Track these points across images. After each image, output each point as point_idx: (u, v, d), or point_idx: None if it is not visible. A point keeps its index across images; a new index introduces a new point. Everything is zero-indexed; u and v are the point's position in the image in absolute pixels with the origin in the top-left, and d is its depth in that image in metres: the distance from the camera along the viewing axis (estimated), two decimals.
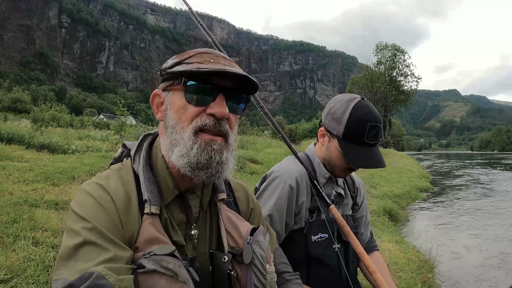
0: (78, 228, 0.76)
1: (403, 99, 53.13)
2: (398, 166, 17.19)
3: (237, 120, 0.95)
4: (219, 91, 0.86)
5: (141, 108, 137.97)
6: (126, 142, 1.06)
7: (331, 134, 1.47)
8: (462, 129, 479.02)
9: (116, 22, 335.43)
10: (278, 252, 1.17)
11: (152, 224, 0.83)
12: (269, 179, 1.51)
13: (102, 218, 0.79)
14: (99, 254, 0.73)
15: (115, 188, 0.86)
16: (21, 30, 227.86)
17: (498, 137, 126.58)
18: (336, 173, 1.53)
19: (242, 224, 0.99)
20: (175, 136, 0.87)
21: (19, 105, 42.52)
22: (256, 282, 0.90)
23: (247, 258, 0.91)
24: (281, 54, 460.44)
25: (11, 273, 2.14)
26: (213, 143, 0.85)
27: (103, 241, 0.75)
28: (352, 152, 1.39)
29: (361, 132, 1.37)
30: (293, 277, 1.17)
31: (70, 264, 0.72)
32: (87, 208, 0.80)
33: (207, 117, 0.85)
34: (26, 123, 16.26)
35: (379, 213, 6.45)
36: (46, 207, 3.64)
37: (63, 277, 0.70)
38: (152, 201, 0.86)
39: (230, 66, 0.88)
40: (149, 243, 0.80)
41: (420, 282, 3.45)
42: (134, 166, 0.94)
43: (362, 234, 1.71)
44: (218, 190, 1.03)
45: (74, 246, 0.73)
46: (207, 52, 0.92)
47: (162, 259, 0.75)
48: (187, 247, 0.93)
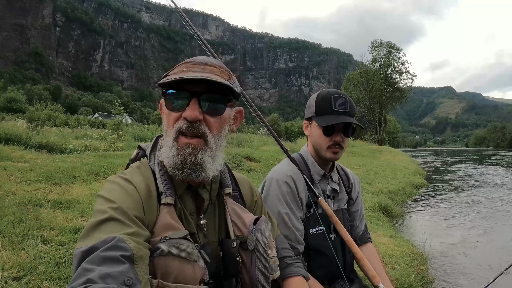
0: (104, 207, 0.84)
1: (398, 96, 53.26)
2: (393, 163, 17.35)
3: (221, 122, 1.01)
4: (192, 96, 0.94)
5: (137, 107, 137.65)
6: (141, 144, 1.16)
7: (309, 120, 1.68)
8: (457, 126, 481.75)
9: (111, 21, 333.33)
10: (280, 239, 1.29)
11: (168, 212, 0.93)
12: (267, 184, 1.63)
13: (126, 201, 0.88)
14: (122, 228, 0.80)
15: (137, 180, 0.96)
16: (15, 29, 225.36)
17: (493, 134, 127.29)
18: (323, 155, 1.63)
19: (246, 215, 1.09)
20: (166, 139, 1.00)
21: (14, 104, 42.29)
22: (260, 266, 1.02)
23: (251, 244, 1.02)
24: (276, 51, 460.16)
25: (23, 270, 2.22)
26: (186, 147, 0.94)
27: (126, 219, 0.83)
28: (325, 119, 1.57)
29: (328, 103, 1.59)
30: (294, 261, 1.28)
31: (93, 234, 0.78)
32: (113, 192, 0.90)
33: (182, 120, 0.95)
34: (22, 123, 16.22)
35: (374, 209, 6.56)
36: (50, 207, 3.69)
37: (85, 245, 0.75)
38: (167, 193, 0.96)
39: (203, 71, 0.95)
40: (165, 229, 0.89)
41: (414, 273, 3.56)
42: (150, 164, 1.05)
43: (357, 227, 1.83)
44: (225, 185, 1.13)
45: (99, 221, 0.81)
46: (187, 61, 1.00)
47: (177, 242, 0.85)
48: (198, 235, 1.02)
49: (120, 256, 0.71)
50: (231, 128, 1.08)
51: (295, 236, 1.51)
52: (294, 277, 1.23)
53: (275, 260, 1.09)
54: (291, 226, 1.52)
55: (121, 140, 11.45)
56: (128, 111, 78.04)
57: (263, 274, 1.02)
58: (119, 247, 0.73)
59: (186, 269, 0.84)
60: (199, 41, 1.63)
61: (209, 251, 0.98)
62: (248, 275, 1.02)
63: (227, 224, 1.08)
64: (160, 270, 0.82)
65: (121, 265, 0.70)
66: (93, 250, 0.72)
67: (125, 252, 0.73)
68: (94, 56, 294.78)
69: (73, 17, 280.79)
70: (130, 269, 0.71)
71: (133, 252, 0.74)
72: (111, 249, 0.72)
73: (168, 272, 0.82)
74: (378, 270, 1.64)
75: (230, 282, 1.04)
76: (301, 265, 1.30)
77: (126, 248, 0.73)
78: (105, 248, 0.72)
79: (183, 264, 0.84)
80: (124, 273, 0.69)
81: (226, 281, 1.03)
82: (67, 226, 3.13)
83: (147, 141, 6.61)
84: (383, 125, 53.43)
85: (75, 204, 3.88)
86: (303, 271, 1.28)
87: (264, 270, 1.03)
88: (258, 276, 1.01)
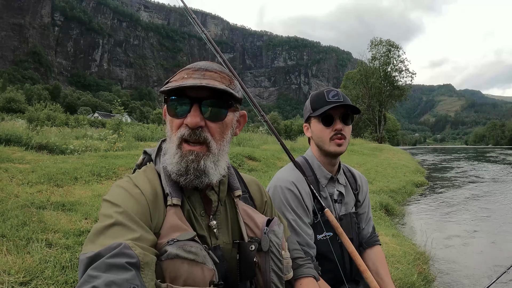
0: (110, 212, 0.85)
1: (398, 94, 53.24)
2: (393, 161, 17.35)
3: (224, 127, 1.01)
4: (193, 102, 0.95)
5: (136, 106, 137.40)
6: (146, 149, 1.16)
7: (308, 120, 1.72)
8: (456, 123, 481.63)
9: (110, 20, 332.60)
10: (291, 240, 1.30)
11: (175, 213, 0.94)
12: (270, 192, 1.61)
13: (132, 205, 0.88)
14: (128, 233, 0.80)
15: (143, 184, 0.96)
16: (13, 28, 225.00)
17: (492, 132, 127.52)
18: (327, 149, 1.63)
19: (257, 216, 1.10)
20: (169, 145, 1.00)
21: (14, 104, 42.15)
22: (274, 267, 1.02)
23: (265, 246, 1.02)
24: (276, 50, 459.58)
25: (30, 275, 2.21)
26: (189, 154, 0.95)
27: (132, 223, 0.83)
28: (321, 110, 1.60)
29: (321, 97, 1.64)
30: (305, 262, 1.31)
31: (98, 240, 0.78)
32: (119, 196, 0.90)
33: (185, 128, 0.96)
34: (22, 123, 16.19)
35: (375, 208, 6.57)
36: (53, 209, 3.68)
37: (91, 250, 0.76)
38: (173, 193, 0.97)
39: (202, 78, 0.96)
40: (172, 230, 0.89)
41: (416, 272, 3.57)
42: (156, 167, 1.06)
43: (364, 229, 1.80)
44: (234, 188, 1.14)
45: (105, 226, 0.81)
46: (188, 68, 1.01)
47: (184, 244, 0.84)
48: (209, 237, 1.02)
49: (125, 263, 0.71)
50: (234, 132, 1.09)
51: (306, 241, 1.51)
52: (305, 278, 1.25)
53: (289, 261, 1.09)
54: (300, 232, 1.51)
55: (122, 140, 11.43)
56: (127, 111, 77.96)
57: (277, 275, 1.02)
58: (124, 254, 0.73)
59: (195, 271, 0.83)
60: (207, 41, 1.61)
61: (220, 253, 1.00)
62: (262, 276, 1.02)
63: (240, 225, 1.08)
64: (168, 274, 0.82)
65: (127, 272, 0.70)
66: (98, 257, 0.73)
67: (130, 259, 0.73)
68: (93, 55, 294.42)
69: (72, 16, 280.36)
70: (136, 276, 0.71)
71: (139, 258, 0.74)
72: (116, 256, 0.72)
73: (177, 276, 0.82)
74: (383, 276, 1.63)
75: (244, 284, 1.04)
76: (312, 266, 1.32)
77: (131, 255, 0.74)
78: (110, 255, 0.72)
79: (192, 266, 0.83)
80: (129, 281, 0.69)
81: (241, 283, 1.04)
82: (71, 228, 3.13)
83: (147, 141, 6.72)
84: (382, 123, 53.44)
85: (78, 206, 3.86)
86: (313, 271, 1.29)
87: (278, 271, 1.03)
88: (272, 277, 1.02)
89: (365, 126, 54.28)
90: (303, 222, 1.54)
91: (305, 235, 1.52)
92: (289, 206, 1.54)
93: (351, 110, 1.62)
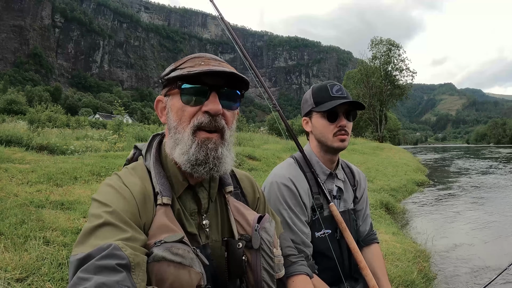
0: (99, 212, 0.83)
1: (399, 94, 53.20)
2: (394, 160, 17.34)
3: (234, 116, 1.02)
4: (211, 89, 0.94)
5: (137, 107, 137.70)
6: (137, 144, 1.14)
7: (308, 115, 1.65)
8: (457, 122, 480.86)
9: (110, 21, 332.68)
10: (283, 237, 1.27)
11: (164, 213, 0.91)
12: (266, 188, 1.58)
13: (121, 204, 0.86)
14: (118, 234, 0.78)
15: (132, 182, 0.94)
16: (14, 30, 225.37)
17: (493, 130, 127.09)
18: (331, 144, 1.57)
19: (249, 213, 1.08)
20: (177, 136, 0.95)
21: (15, 106, 42.18)
22: (265, 265, 1.01)
23: (256, 243, 1.00)
24: (276, 50, 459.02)
25: (26, 272, 2.21)
26: (208, 141, 0.93)
27: (122, 223, 0.81)
28: (326, 105, 1.54)
29: (325, 91, 1.58)
30: (298, 259, 1.27)
31: (89, 241, 0.77)
32: (108, 195, 0.88)
33: (203, 115, 0.93)
34: (23, 125, 16.23)
35: (376, 206, 6.56)
36: (52, 208, 3.69)
37: (81, 252, 0.74)
38: (163, 192, 0.94)
39: (221, 66, 0.95)
40: (160, 230, 0.86)
41: (416, 270, 3.56)
42: (146, 164, 1.03)
43: (361, 227, 1.76)
44: (226, 184, 1.11)
45: (94, 227, 0.79)
46: (198, 56, 1.00)
47: (172, 246, 0.81)
48: (200, 235, 1.01)
49: (116, 264, 0.70)
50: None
51: (302, 239, 1.47)
52: (298, 276, 1.22)
53: (280, 259, 1.07)
54: (296, 230, 1.47)
55: (122, 140, 11.44)
56: (128, 112, 78.07)
57: (268, 273, 1.01)
58: (114, 256, 0.71)
59: (181, 274, 0.80)
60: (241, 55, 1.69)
61: (209, 252, 0.98)
62: (252, 274, 1.00)
63: (230, 223, 1.06)
64: (155, 277, 0.78)
65: (117, 274, 0.69)
66: (88, 259, 0.71)
67: (121, 261, 0.71)
68: (94, 57, 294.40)
69: (72, 17, 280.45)
70: (127, 278, 0.70)
71: (129, 259, 0.73)
72: (106, 257, 0.71)
73: (163, 278, 0.78)
74: (380, 276, 1.61)
75: (234, 282, 1.03)
76: (305, 263, 1.28)
77: (122, 256, 0.72)
78: (100, 257, 0.70)
79: (179, 269, 0.80)
80: (120, 282, 0.68)
81: (230, 282, 1.01)
82: (69, 227, 3.13)
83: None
84: (383, 122, 53.39)
85: (77, 205, 3.87)
86: (306, 269, 1.26)
87: (269, 269, 1.01)
88: (263, 275, 1.00)
89: (366, 125, 54.29)
90: (299, 220, 1.50)
91: (301, 233, 1.48)
92: (285, 203, 1.50)
93: (355, 106, 1.58)
